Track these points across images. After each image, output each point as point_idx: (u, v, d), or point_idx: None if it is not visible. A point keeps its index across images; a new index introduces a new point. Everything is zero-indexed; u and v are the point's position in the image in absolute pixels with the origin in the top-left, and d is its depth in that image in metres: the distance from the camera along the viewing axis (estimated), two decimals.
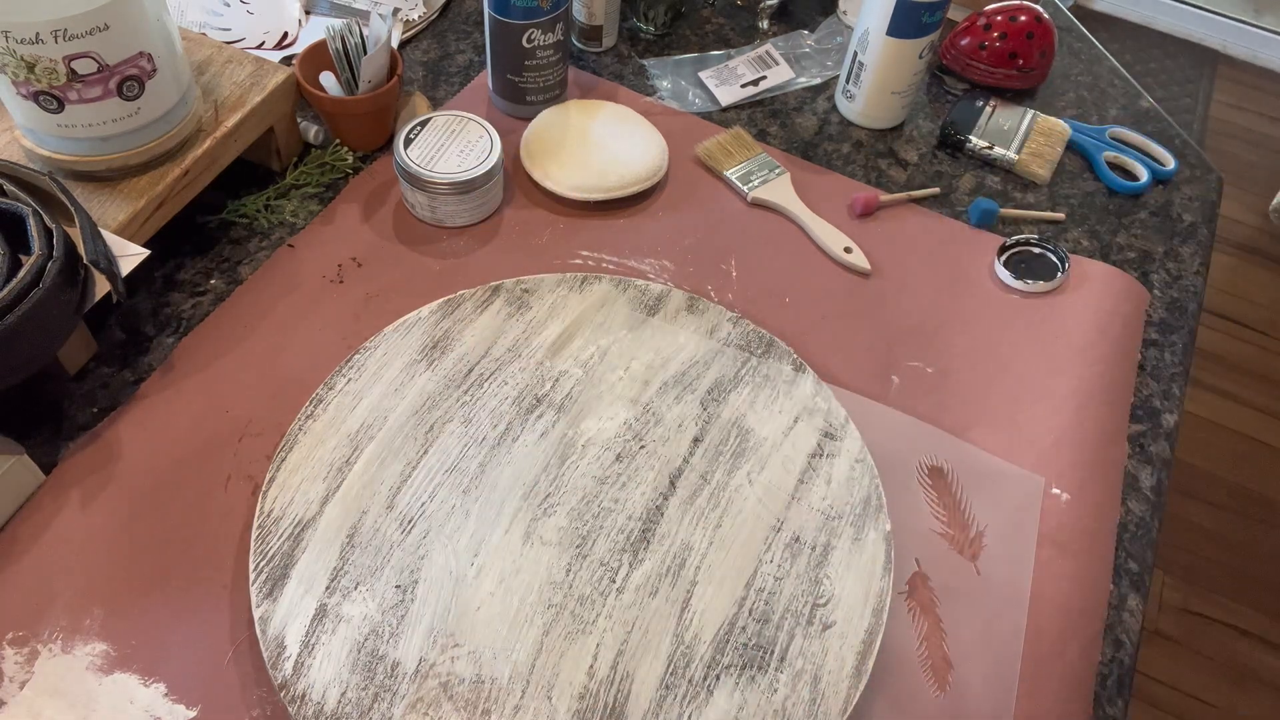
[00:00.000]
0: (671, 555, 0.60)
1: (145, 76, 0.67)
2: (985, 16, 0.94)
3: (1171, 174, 0.90)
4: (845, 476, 0.64)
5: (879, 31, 0.84)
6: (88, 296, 0.63)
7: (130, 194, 0.70)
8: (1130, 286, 0.80)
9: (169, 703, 0.54)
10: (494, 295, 0.72)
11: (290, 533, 0.59)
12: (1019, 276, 0.78)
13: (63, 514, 0.61)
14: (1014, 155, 0.88)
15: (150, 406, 0.66)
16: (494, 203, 0.80)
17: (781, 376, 0.69)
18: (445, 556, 0.59)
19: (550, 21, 0.81)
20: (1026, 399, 0.71)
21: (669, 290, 0.74)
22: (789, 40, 0.99)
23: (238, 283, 0.74)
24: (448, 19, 0.99)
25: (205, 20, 0.92)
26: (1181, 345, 0.78)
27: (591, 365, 0.69)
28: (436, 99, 0.90)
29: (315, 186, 0.81)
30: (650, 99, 0.92)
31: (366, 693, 0.54)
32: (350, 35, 0.81)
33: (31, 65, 0.62)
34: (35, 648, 0.56)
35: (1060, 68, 1.01)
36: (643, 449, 0.65)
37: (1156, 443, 0.72)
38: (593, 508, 0.62)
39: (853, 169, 0.88)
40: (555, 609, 0.58)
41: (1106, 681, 0.60)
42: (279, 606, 0.56)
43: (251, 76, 0.77)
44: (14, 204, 0.62)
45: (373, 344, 0.69)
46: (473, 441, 0.64)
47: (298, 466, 0.62)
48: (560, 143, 0.83)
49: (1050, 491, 0.66)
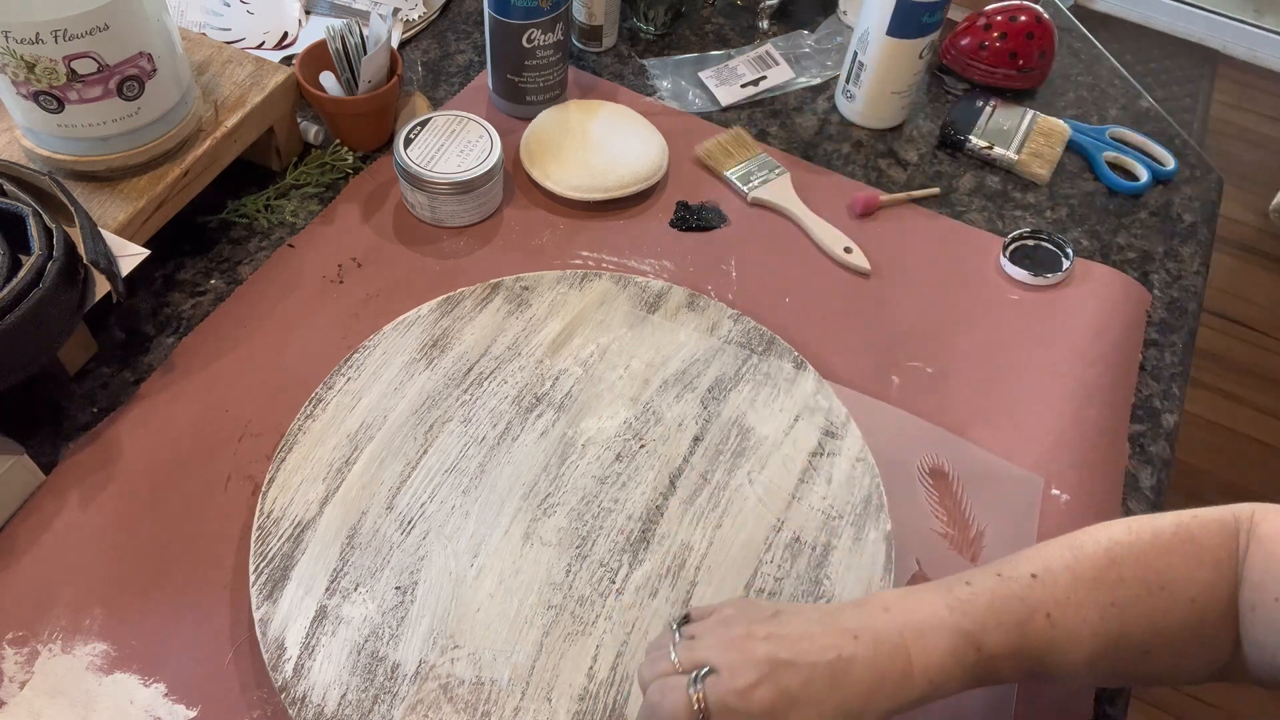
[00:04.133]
0: (671, 555, 0.60)
1: (145, 76, 0.67)
2: (985, 16, 0.94)
3: (1171, 174, 0.90)
4: (846, 476, 0.64)
5: (879, 31, 0.84)
6: (88, 296, 0.63)
7: (130, 194, 0.69)
8: (1130, 287, 0.80)
9: (169, 703, 0.54)
10: (493, 293, 0.72)
11: (290, 533, 0.59)
12: (1035, 273, 0.78)
13: (63, 514, 0.61)
14: (1014, 155, 0.88)
15: (150, 406, 0.66)
16: (494, 203, 0.80)
17: (782, 374, 0.69)
18: (445, 557, 0.59)
19: (550, 21, 0.81)
20: (1026, 399, 0.71)
21: (669, 287, 0.74)
22: (789, 40, 0.99)
23: (238, 283, 0.74)
24: (448, 19, 0.99)
25: (205, 20, 0.92)
26: (1181, 345, 0.78)
27: (591, 364, 0.69)
28: (436, 99, 0.90)
29: (315, 186, 0.81)
30: (650, 99, 0.92)
31: (367, 694, 0.54)
32: (350, 35, 0.81)
33: (31, 65, 0.62)
34: (35, 648, 0.56)
35: (1060, 68, 1.01)
36: (643, 448, 0.65)
37: (1156, 443, 0.72)
38: (593, 508, 0.62)
39: (853, 169, 0.88)
40: (555, 610, 0.58)
41: None
42: (279, 608, 0.56)
43: (251, 76, 0.77)
44: (14, 204, 0.62)
45: (372, 342, 0.69)
46: (472, 441, 0.64)
47: (297, 467, 0.62)
48: (560, 143, 0.83)
49: (1050, 492, 0.66)
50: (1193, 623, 0.47)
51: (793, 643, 0.44)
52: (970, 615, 0.46)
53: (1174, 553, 0.47)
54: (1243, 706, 1.50)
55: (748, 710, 0.43)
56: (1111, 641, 0.46)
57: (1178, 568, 0.47)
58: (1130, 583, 0.47)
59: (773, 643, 0.44)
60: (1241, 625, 0.47)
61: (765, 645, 0.44)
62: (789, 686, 0.43)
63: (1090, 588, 0.47)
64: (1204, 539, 0.48)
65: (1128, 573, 0.47)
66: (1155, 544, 0.48)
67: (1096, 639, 0.46)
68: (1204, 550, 0.47)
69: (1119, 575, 0.47)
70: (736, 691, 0.43)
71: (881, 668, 0.44)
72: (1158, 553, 0.47)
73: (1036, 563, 0.48)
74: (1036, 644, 0.46)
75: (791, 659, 0.44)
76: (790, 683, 0.43)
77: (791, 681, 0.43)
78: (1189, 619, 0.46)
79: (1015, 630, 0.46)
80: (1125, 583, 0.47)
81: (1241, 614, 0.47)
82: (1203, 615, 0.47)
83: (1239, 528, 0.48)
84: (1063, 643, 0.46)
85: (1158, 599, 0.46)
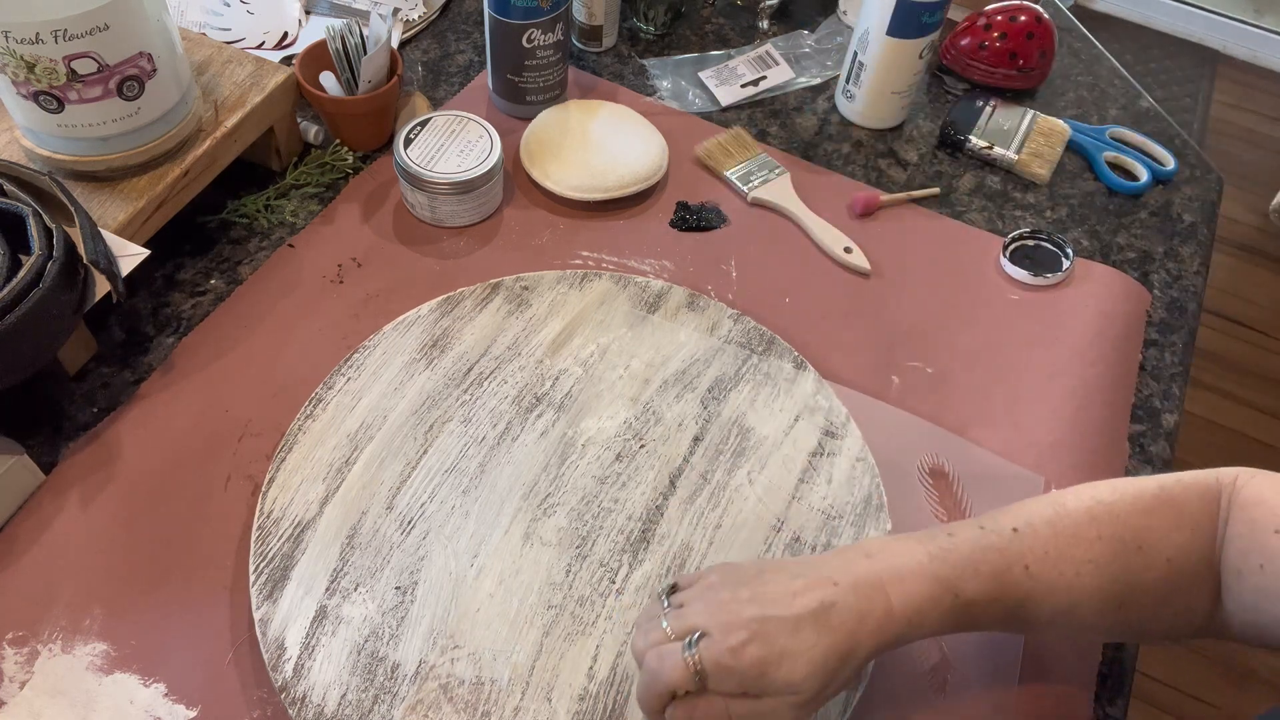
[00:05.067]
0: (671, 555, 0.60)
1: (145, 76, 0.67)
2: (985, 16, 0.94)
3: (1171, 174, 0.90)
4: (846, 476, 0.64)
5: (879, 31, 0.84)
6: (88, 296, 0.63)
7: (130, 194, 0.69)
8: (1130, 287, 0.80)
9: (169, 703, 0.54)
10: (493, 293, 0.72)
11: (290, 534, 0.59)
12: (1035, 273, 0.78)
13: (63, 514, 0.61)
14: (1014, 155, 0.88)
15: (150, 406, 0.66)
16: (494, 203, 0.80)
17: (782, 374, 0.69)
18: (445, 557, 0.59)
19: (550, 21, 0.81)
20: (1026, 399, 0.71)
21: (669, 287, 0.74)
22: (789, 40, 0.99)
23: (238, 283, 0.74)
24: (448, 19, 0.99)
25: (205, 20, 0.92)
26: (1181, 345, 0.78)
27: (591, 363, 0.69)
28: (436, 99, 0.90)
29: (315, 186, 0.81)
30: (650, 99, 0.92)
31: (367, 694, 0.54)
32: (350, 35, 0.81)
33: (31, 65, 0.62)
34: (35, 648, 0.56)
35: (1060, 68, 1.01)
36: (643, 448, 0.65)
37: (1156, 443, 0.72)
38: (593, 508, 0.62)
39: (853, 169, 0.88)
40: (555, 610, 0.58)
41: (1106, 681, 0.60)
42: (279, 608, 0.56)
43: (251, 76, 0.77)
44: (14, 204, 0.62)
45: (372, 342, 0.69)
46: (472, 441, 0.64)
47: (297, 467, 0.62)
48: (560, 143, 0.83)
49: (1050, 492, 0.66)
50: (1168, 582, 0.49)
51: (776, 599, 0.46)
52: (949, 563, 0.48)
53: (1154, 514, 0.49)
54: (1243, 706, 1.50)
55: (741, 667, 0.45)
56: (1087, 595, 0.48)
57: (1156, 528, 0.49)
58: (1108, 540, 0.48)
59: (758, 603, 0.46)
60: (1225, 589, 0.49)
61: (751, 606, 0.46)
62: (778, 639, 0.45)
63: (1069, 543, 0.49)
64: (1184, 502, 0.50)
65: (1106, 531, 0.49)
66: (1136, 505, 0.50)
67: (1072, 592, 0.48)
68: (1183, 513, 0.49)
69: (1098, 533, 0.49)
70: (730, 649, 0.45)
71: (862, 609, 0.46)
72: (1138, 513, 0.49)
73: (1019, 517, 0.50)
74: (1014, 594, 0.48)
75: (777, 614, 0.46)
76: (779, 636, 0.45)
77: (780, 634, 0.45)
78: (1165, 578, 0.48)
79: (993, 580, 0.48)
80: (1104, 540, 0.48)
81: (1225, 579, 0.48)
82: (1178, 575, 0.49)
83: (1221, 492, 0.50)
84: (1039, 594, 0.48)
85: (1134, 558, 0.48)
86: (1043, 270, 0.79)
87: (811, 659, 0.45)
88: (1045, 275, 0.79)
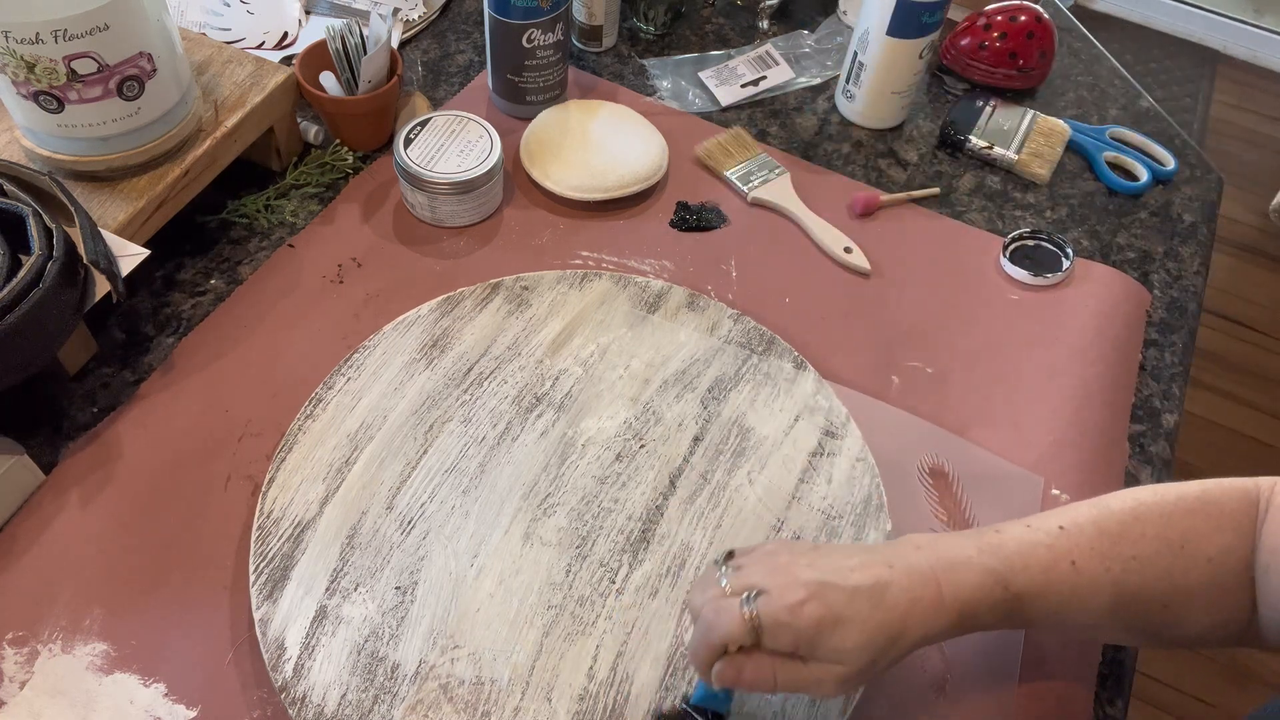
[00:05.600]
0: (671, 555, 0.60)
1: (145, 76, 0.67)
2: (985, 16, 0.94)
3: (1171, 174, 0.90)
4: (846, 476, 0.64)
5: (879, 31, 0.84)
6: (88, 296, 0.63)
7: (130, 194, 0.69)
8: (1130, 287, 0.80)
9: (169, 703, 0.54)
10: (493, 293, 0.72)
11: (290, 534, 0.59)
12: (1035, 273, 0.78)
13: (63, 514, 0.61)
14: (1014, 155, 0.88)
15: (150, 406, 0.66)
16: (494, 203, 0.80)
17: (782, 374, 0.69)
18: (445, 557, 0.59)
19: (550, 21, 0.81)
20: (1026, 399, 0.71)
21: (669, 287, 0.74)
22: (789, 40, 0.99)
23: (238, 283, 0.74)
24: (448, 19, 0.99)
25: (205, 20, 0.92)
26: (1181, 345, 0.78)
27: (591, 363, 0.69)
28: (436, 99, 0.90)
29: (315, 186, 0.81)
30: (650, 99, 0.92)
31: (367, 695, 0.54)
32: (350, 35, 0.81)
33: (31, 65, 0.62)
34: (35, 648, 0.56)
35: (1060, 68, 1.01)
36: (643, 448, 0.65)
37: (1156, 443, 0.72)
38: (593, 508, 0.62)
39: (853, 169, 0.88)
40: (555, 610, 0.58)
41: (1106, 681, 0.60)
42: (279, 608, 0.56)
43: (251, 76, 0.77)
44: (14, 204, 0.62)
45: (372, 342, 0.69)
46: (472, 441, 0.64)
47: (297, 467, 0.62)
48: (560, 143, 0.83)
49: (1050, 492, 0.66)
50: (1210, 582, 0.49)
51: (834, 569, 0.47)
52: (998, 556, 0.49)
53: (1196, 514, 0.50)
54: (1243, 707, 1.50)
55: (797, 625, 0.45)
56: (1131, 592, 0.49)
57: (1199, 528, 0.49)
58: (1152, 539, 0.49)
59: (816, 569, 0.47)
60: (1258, 591, 0.49)
61: (810, 571, 0.47)
62: (835, 603, 0.45)
63: (1114, 541, 0.49)
64: (1226, 503, 0.50)
65: (1150, 530, 0.49)
66: (1179, 505, 0.50)
67: (1117, 588, 0.49)
68: (1225, 514, 0.50)
69: (1142, 532, 0.49)
70: (787, 607, 0.45)
71: (914, 594, 0.47)
72: (1181, 514, 0.50)
73: (1064, 517, 0.51)
74: (1060, 589, 0.49)
75: (836, 581, 0.46)
76: (836, 600, 0.45)
77: (837, 599, 0.45)
78: (1207, 578, 0.49)
79: (1040, 574, 0.48)
80: (1147, 539, 0.49)
81: (1257, 578, 0.49)
82: (1220, 575, 0.49)
83: (1260, 496, 0.50)
84: (1085, 590, 0.49)
85: (1178, 557, 0.49)
86: (1043, 270, 0.79)
87: (865, 629, 0.45)
88: (1045, 275, 0.79)
